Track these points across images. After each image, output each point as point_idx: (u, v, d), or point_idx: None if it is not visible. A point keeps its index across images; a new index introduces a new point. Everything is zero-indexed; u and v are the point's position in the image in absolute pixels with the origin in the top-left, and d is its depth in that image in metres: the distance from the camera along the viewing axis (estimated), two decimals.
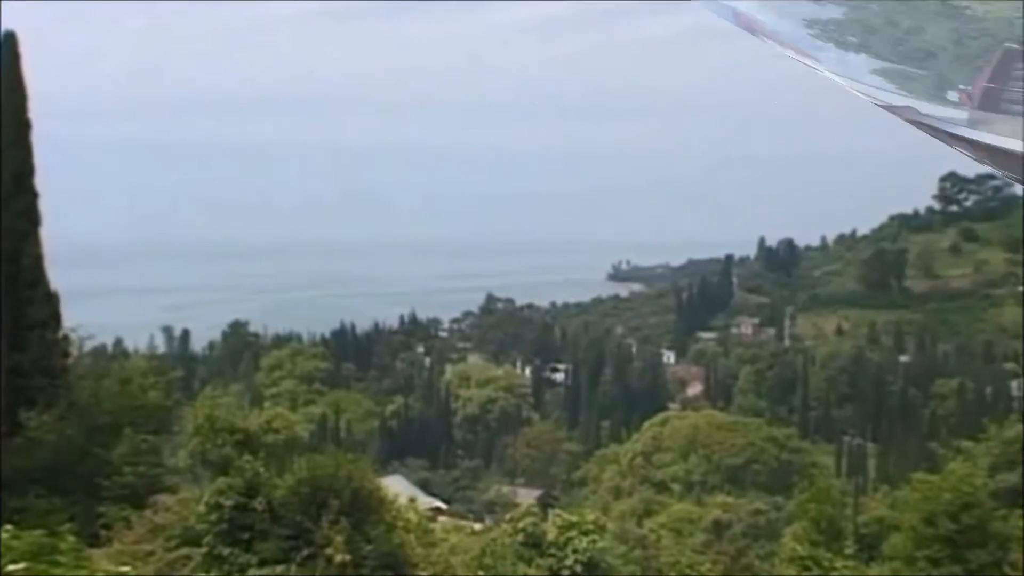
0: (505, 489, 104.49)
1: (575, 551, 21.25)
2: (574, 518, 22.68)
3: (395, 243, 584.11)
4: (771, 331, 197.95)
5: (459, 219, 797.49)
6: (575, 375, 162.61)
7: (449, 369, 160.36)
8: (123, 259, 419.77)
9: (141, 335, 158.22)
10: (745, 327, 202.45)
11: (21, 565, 9.92)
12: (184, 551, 16.19)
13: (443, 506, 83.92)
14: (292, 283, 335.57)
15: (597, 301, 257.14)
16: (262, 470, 17.18)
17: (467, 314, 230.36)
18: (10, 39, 25.12)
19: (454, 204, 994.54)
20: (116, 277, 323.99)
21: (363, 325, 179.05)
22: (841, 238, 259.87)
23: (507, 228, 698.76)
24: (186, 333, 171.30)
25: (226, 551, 15.95)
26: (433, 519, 31.08)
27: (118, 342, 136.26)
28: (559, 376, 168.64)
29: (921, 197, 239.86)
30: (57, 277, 26.22)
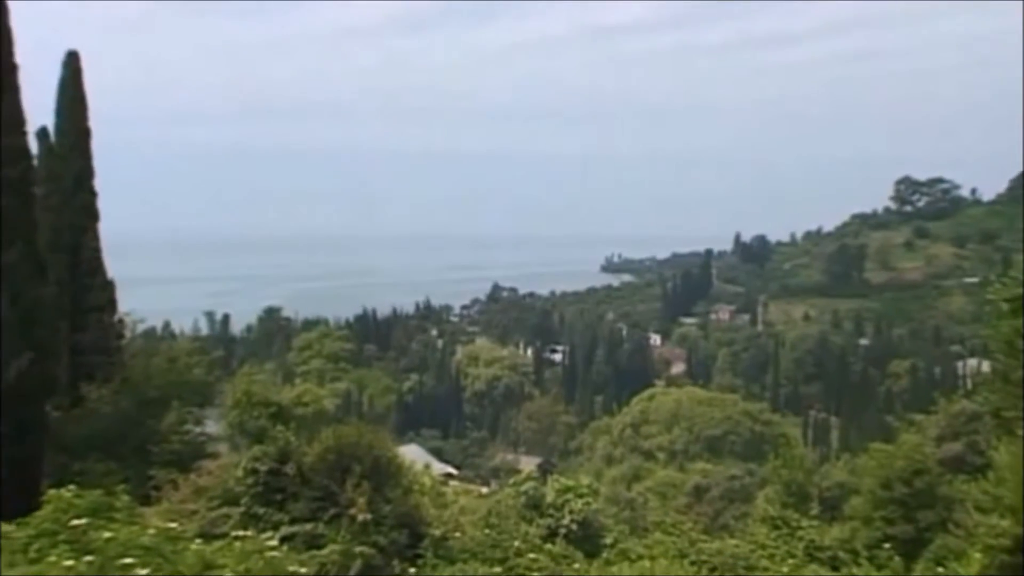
0: (509, 457, 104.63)
1: (571, 512, 21.32)
2: (570, 483, 22.73)
3: (414, 237, 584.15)
4: (746, 317, 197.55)
5: (468, 216, 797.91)
6: (572, 355, 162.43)
7: (459, 350, 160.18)
8: (172, 251, 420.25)
9: (187, 319, 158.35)
10: (723, 313, 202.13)
11: (84, 520, 10.18)
12: (224, 510, 16.29)
13: (454, 472, 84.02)
14: (320, 273, 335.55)
15: (591, 290, 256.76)
16: (293, 439, 17.24)
17: (475, 301, 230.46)
18: (72, 58, 25.37)
19: (464, 203, 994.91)
20: (165, 267, 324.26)
21: (383, 311, 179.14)
22: (808, 234, 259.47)
23: (510, 224, 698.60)
24: (226, 317, 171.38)
25: (261, 510, 16.08)
26: (445, 483, 31.10)
27: (167, 325, 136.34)
28: (557, 356, 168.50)
29: (879, 198, 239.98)
30: (113, 266, 26.52)
